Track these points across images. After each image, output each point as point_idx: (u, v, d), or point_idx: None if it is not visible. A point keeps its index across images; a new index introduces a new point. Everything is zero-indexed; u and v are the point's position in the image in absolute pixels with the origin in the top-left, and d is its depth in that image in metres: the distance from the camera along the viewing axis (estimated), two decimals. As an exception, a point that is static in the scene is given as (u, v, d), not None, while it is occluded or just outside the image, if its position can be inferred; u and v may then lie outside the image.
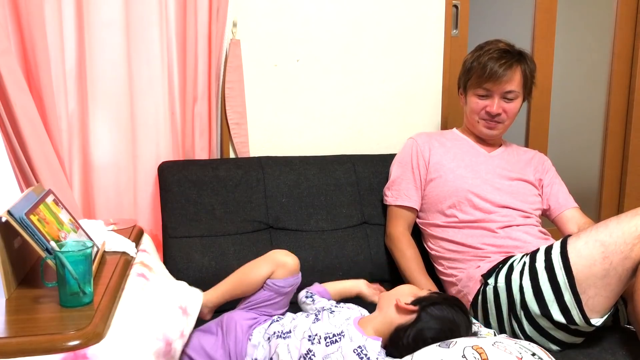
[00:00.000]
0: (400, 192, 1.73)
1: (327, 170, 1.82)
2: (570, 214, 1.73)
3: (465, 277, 1.56)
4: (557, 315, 1.31)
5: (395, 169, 1.78)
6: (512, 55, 1.65)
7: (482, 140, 1.78)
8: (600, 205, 2.64)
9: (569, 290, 1.29)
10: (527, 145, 2.46)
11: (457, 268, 1.59)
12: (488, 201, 1.62)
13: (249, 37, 1.85)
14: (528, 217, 1.64)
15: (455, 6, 2.12)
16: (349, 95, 2.01)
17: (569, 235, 1.37)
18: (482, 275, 1.49)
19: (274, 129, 1.94)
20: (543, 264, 1.36)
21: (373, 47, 2.00)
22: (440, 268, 1.66)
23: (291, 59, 1.92)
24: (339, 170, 1.83)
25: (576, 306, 1.29)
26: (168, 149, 1.77)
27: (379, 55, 2.01)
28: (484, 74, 1.64)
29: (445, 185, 1.66)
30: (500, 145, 1.80)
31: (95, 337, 0.97)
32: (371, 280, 1.77)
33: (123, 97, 1.69)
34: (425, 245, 1.73)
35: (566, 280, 1.30)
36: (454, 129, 1.85)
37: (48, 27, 1.56)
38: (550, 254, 1.36)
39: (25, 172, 1.55)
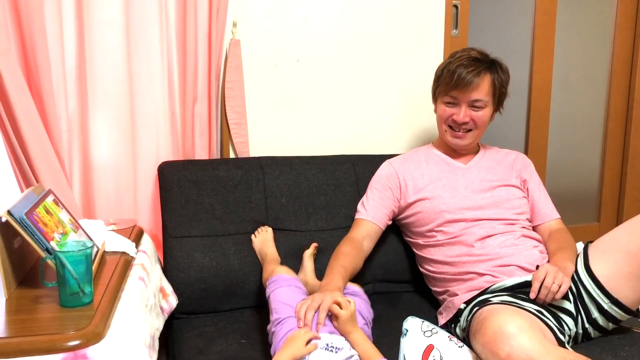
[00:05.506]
0: (362, 207, 1.69)
1: (327, 170, 1.82)
2: (547, 225, 1.67)
3: (446, 302, 1.56)
4: None
5: (368, 189, 1.74)
6: (482, 63, 1.60)
7: (456, 152, 1.72)
8: (600, 205, 2.64)
9: None
10: (527, 145, 2.46)
11: (443, 287, 1.60)
12: (465, 219, 1.58)
13: (249, 37, 1.85)
14: (511, 223, 1.59)
15: (455, 6, 2.12)
16: (349, 95, 2.01)
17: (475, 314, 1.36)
18: (458, 309, 1.49)
19: (274, 129, 1.94)
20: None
21: (373, 47, 2.00)
22: (432, 288, 1.67)
23: (291, 59, 1.92)
24: (339, 170, 1.83)
25: None
26: (168, 149, 1.77)
27: (379, 55, 2.01)
28: (452, 81, 1.59)
29: (423, 210, 1.63)
30: (477, 153, 1.75)
31: (95, 337, 0.97)
32: (374, 280, 1.77)
33: (123, 97, 1.69)
34: (417, 264, 1.73)
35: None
36: (430, 145, 1.80)
37: (48, 27, 1.56)
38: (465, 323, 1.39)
39: (25, 172, 1.55)
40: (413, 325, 1.36)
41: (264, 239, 1.68)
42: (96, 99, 1.68)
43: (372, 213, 1.66)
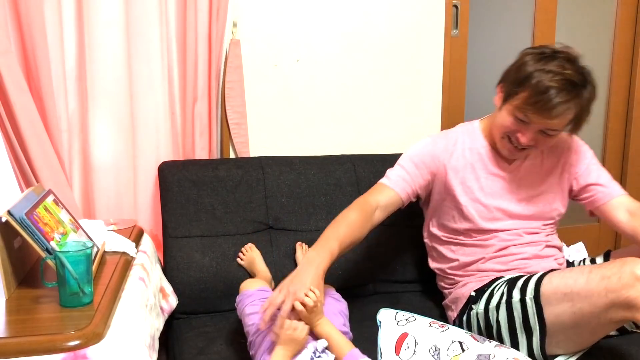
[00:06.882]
0: (389, 173, 1.56)
1: (327, 170, 1.82)
2: (617, 202, 1.50)
3: (453, 296, 1.55)
4: (522, 349, 1.33)
5: (402, 158, 1.57)
6: (576, 89, 1.37)
7: None
8: (600, 205, 2.63)
9: (538, 336, 1.30)
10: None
11: (451, 284, 1.58)
12: (496, 229, 1.51)
13: (249, 37, 1.85)
14: (538, 232, 1.54)
15: (455, 6, 2.12)
16: (349, 95, 2.01)
17: (546, 274, 1.33)
18: (470, 296, 1.48)
19: (274, 129, 1.94)
20: (519, 304, 1.34)
21: (373, 47, 2.00)
22: (440, 283, 1.64)
23: (291, 59, 1.92)
24: (339, 170, 1.83)
25: (540, 349, 1.30)
26: (168, 149, 1.77)
27: (379, 55, 2.01)
28: (536, 103, 1.35)
29: (456, 209, 1.53)
30: None
31: (95, 337, 0.97)
32: (374, 280, 1.77)
33: (123, 97, 1.69)
34: (429, 258, 1.68)
35: (537, 325, 1.30)
36: (478, 126, 1.59)
37: (48, 27, 1.56)
38: (525, 294, 1.34)
39: (25, 172, 1.55)
40: (386, 317, 1.32)
41: (250, 261, 1.64)
42: (96, 99, 1.68)
43: (399, 184, 1.51)
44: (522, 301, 1.33)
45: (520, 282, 1.37)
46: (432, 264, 1.66)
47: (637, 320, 1.17)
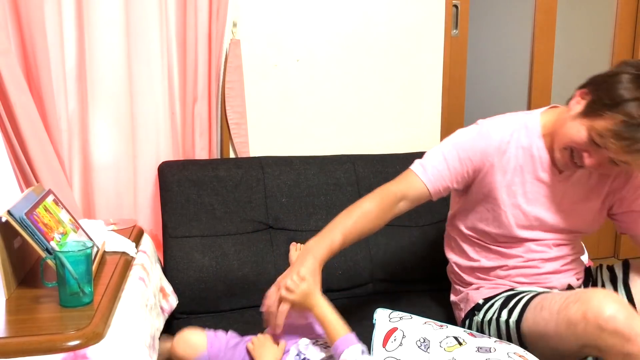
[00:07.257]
0: (425, 161, 1.40)
1: (327, 170, 1.82)
2: None
3: (463, 295, 1.52)
4: None
5: (447, 145, 1.41)
6: None
7: None
8: (600, 205, 2.63)
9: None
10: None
11: (464, 282, 1.54)
12: (529, 238, 1.43)
13: (249, 37, 1.85)
14: (567, 244, 1.45)
15: (455, 6, 2.12)
16: (349, 95, 2.01)
17: (533, 298, 1.31)
18: (477, 303, 1.46)
19: (274, 129, 1.94)
20: (504, 325, 1.34)
21: (373, 47, 2.00)
22: (451, 276, 1.60)
23: (291, 59, 1.92)
24: (339, 170, 1.83)
25: None
26: (168, 149, 1.77)
27: (379, 55, 2.01)
28: (619, 135, 1.17)
29: (490, 211, 1.42)
30: None
31: (95, 337, 0.97)
32: (374, 280, 1.77)
33: (123, 97, 1.69)
34: (446, 246, 1.61)
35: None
36: (538, 120, 1.39)
37: (48, 27, 1.56)
38: (511, 316, 1.33)
39: (25, 172, 1.56)
40: (381, 315, 1.32)
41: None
42: (96, 99, 1.68)
43: (434, 179, 1.37)
44: (507, 322, 1.34)
45: (511, 303, 1.36)
46: (449, 254, 1.57)
47: None
